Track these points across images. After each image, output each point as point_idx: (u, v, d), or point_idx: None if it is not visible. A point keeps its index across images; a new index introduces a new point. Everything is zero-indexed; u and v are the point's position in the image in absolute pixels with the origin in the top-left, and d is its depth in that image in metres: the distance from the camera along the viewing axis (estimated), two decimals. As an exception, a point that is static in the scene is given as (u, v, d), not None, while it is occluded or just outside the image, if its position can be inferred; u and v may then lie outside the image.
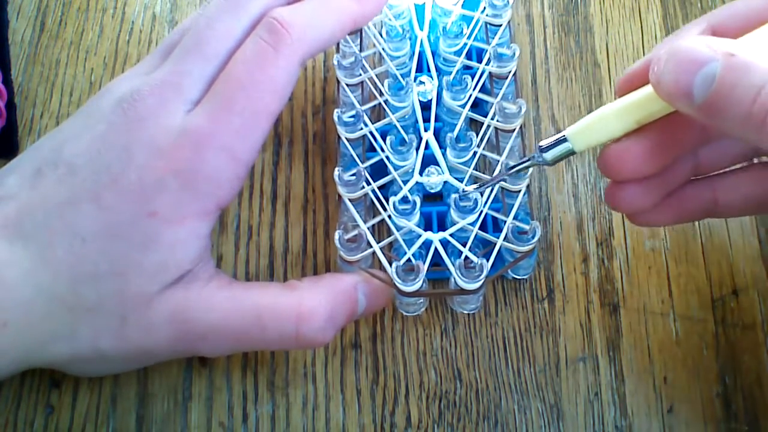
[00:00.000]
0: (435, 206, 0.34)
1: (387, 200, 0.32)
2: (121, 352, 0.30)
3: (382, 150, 0.33)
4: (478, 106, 0.35)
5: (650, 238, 0.35)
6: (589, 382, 0.33)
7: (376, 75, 0.35)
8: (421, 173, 0.33)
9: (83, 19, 0.41)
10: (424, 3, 0.37)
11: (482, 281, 0.30)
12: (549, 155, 0.29)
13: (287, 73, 0.31)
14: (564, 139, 0.28)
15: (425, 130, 0.34)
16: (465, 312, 0.33)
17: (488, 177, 0.32)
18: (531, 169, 0.31)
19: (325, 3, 0.33)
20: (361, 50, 0.35)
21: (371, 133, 0.33)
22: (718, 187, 0.31)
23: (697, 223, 0.35)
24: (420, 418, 0.32)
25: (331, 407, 0.32)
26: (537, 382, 0.33)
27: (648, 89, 0.26)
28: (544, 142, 0.29)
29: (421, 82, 0.34)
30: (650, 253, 0.35)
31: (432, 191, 0.33)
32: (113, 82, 0.32)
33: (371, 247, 0.31)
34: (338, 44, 0.36)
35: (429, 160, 0.33)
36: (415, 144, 0.33)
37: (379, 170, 0.33)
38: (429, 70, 0.36)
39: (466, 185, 0.32)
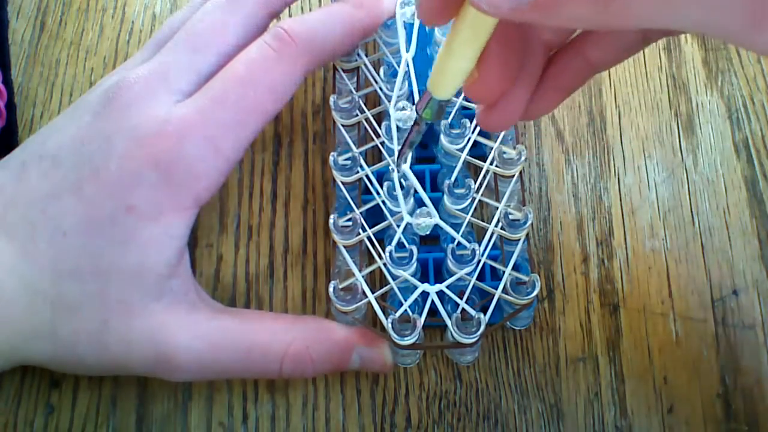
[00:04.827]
0: (431, 253, 0.33)
1: (381, 243, 0.31)
2: (99, 359, 0.29)
3: (378, 194, 0.32)
4: (476, 146, 0.34)
5: (650, 238, 0.35)
6: (589, 382, 0.33)
7: (374, 115, 0.34)
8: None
9: (83, 19, 0.41)
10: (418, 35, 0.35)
11: (479, 336, 0.29)
12: (425, 114, 0.26)
13: (289, 79, 0.31)
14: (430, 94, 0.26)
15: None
16: (462, 364, 0.33)
17: (486, 225, 0.32)
18: (530, 217, 0.31)
19: (334, 14, 0.33)
20: (357, 89, 0.35)
21: (367, 176, 0.33)
22: (585, 47, 0.27)
23: (697, 223, 0.35)
24: (420, 418, 0.32)
25: (331, 407, 0.32)
26: (537, 382, 0.33)
27: (467, 13, 0.23)
28: (418, 105, 0.27)
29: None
30: (650, 253, 0.35)
31: (422, 234, 0.32)
32: (104, 77, 0.32)
33: (366, 297, 0.31)
34: (335, 83, 0.36)
35: (423, 203, 0.32)
36: (412, 190, 0.32)
37: (374, 212, 0.33)
38: None
39: (461, 236, 0.31)
